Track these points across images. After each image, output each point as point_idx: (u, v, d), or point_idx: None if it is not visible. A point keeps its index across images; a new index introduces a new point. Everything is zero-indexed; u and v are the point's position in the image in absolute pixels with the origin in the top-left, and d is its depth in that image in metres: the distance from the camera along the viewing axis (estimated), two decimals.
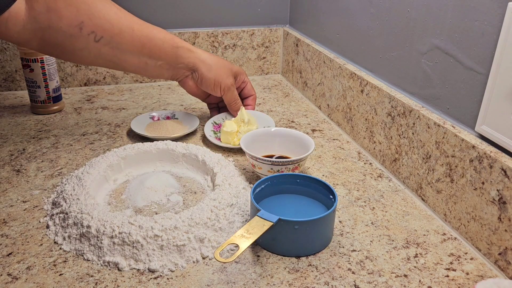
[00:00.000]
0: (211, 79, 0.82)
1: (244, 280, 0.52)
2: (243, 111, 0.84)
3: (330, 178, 0.74)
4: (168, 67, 0.80)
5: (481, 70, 0.57)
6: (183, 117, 0.92)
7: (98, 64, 0.77)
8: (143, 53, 0.76)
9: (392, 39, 0.76)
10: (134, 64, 0.77)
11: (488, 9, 0.55)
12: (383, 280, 0.53)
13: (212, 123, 0.88)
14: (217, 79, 0.83)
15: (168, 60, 0.79)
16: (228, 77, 0.84)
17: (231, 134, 0.80)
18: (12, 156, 0.79)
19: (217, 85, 0.83)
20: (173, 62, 0.80)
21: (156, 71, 0.80)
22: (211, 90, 0.84)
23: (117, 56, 0.74)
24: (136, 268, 0.53)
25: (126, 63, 0.76)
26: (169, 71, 0.81)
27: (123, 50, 0.74)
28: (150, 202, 0.66)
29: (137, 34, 0.74)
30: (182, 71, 0.82)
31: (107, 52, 0.73)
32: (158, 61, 0.78)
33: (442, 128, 0.62)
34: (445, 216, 0.63)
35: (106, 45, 0.72)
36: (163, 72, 0.81)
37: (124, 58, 0.75)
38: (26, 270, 0.53)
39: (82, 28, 0.69)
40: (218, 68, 0.82)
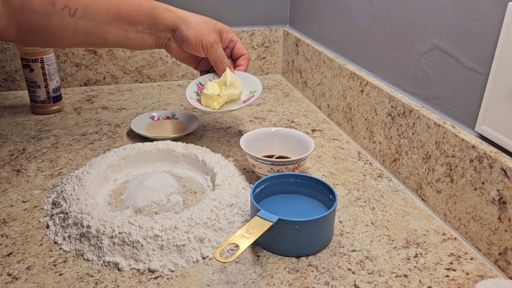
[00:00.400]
0: (191, 36, 0.75)
1: (244, 280, 0.52)
2: (227, 72, 0.77)
3: (330, 178, 0.74)
4: (149, 32, 0.75)
5: (481, 70, 0.57)
6: (183, 117, 0.92)
7: (78, 41, 0.73)
8: (121, 19, 0.72)
9: (392, 39, 0.76)
10: (114, 34, 0.73)
11: (488, 9, 0.55)
12: (383, 280, 0.53)
13: (197, 83, 0.82)
14: (198, 35, 0.76)
15: (147, 23, 0.74)
16: (210, 34, 0.77)
17: (211, 97, 0.75)
18: (12, 156, 0.79)
19: (198, 42, 0.76)
20: (153, 24, 0.75)
21: (138, 38, 0.75)
22: (193, 50, 0.77)
23: (95, 28, 0.71)
24: (136, 268, 0.53)
25: (106, 33, 0.72)
26: (151, 36, 0.76)
27: (100, 20, 0.71)
28: (150, 202, 0.66)
29: (112, 1, 0.71)
30: (163, 33, 0.76)
31: (84, 25, 0.70)
32: (138, 27, 0.74)
33: (442, 128, 0.62)
34: (445, 216, 0.63)
35: (82, 17, 0.69)
36: (145, 38, 0.76)
37: (103, 29, 0.72)
38: (26, 270, 0.53)
39: (55, 4, 0.66)
40: (198, 25, 0.76)
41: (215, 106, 0.76)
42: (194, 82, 0.82)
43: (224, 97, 0.76)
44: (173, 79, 1.19)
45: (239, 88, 0.78)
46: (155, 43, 0.77)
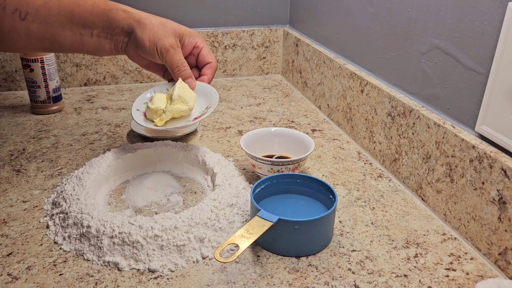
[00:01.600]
0: (145, 40, 0.67)
1: (244, 280, 0.52)
2: (178, 84, 0.68)
3: (330, 178, 0.74)
4: (105, 36, 0.68)
5: (481, 70, 0.57)
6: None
7: (32, 46, 0.68)
8: (74, 22, 0.66)
9: (392, 39, 0.76)
10: (69, 38, 0.68)
11: (488, 9, 0.55)
12: (383, 280, 0.53)
13: (151, 93, 0.73)
14: (152, 39, 0.68)
15: (102, 26, 0.68)
16: (167, 37, 0.69)
17: (156, 111, 0.67)
18: (12, 156, 0.79)
19: (152, 46, 0.68)
20: (108, 27, 0.68)
21: (94, 43, 0.69)
22: (148, 55, 0.69)
23: (48, 32, 0.66)
24: (136, 268, 0.53)
25: (61, 38, 0.67)
26: (107, 40, 0.69)
27: (53, 24, 0.66)
28: (150, 202, 0.66)
29: (64, 2, 0.66)
30: (120, 37, 0.69)
31: (36, 29, 0.65)
32: (93, 30, 0.67)
33: (442, 128, 0.62)
34: (445, 216, 0.63)
35: (33, 21, 0.65)
36: (102, 43, 0.69)
37: (57, 33, 0.67)
38: (26, 270, 0.53)
39: (5, 7, 0.63)
40: (154, 27, 0.68)
41: (157, 123, 0.67)
42: (148, 92, 0.73)
43: (168, 113, 0.67)
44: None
45: (189, 103, 0.68)
46: (114, 48, 0.70)
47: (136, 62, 0.73)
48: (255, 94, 1.12)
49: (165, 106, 0.67)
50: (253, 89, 1.15)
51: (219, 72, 1.22)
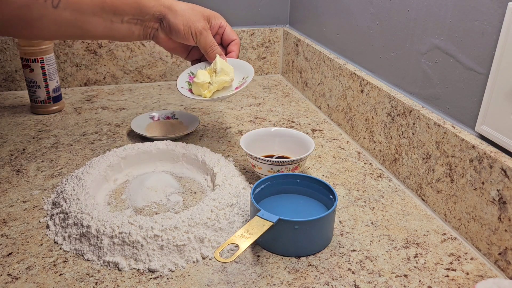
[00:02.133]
0: (179, 25, 0.73)
1: (244, 280, 0.52)
2: (217, 59, 0.75)
3: (330, 178, 0.74)
4: (135, 22, 0.72)
5: (481, 70, 0.57)
6: (183, 117, 0.92)
7: (62, 34, 0.70)
8: (106, 10, 0.69)
9: (392, 39, 0.76)
10: (100, 26, 0.70)
11: (488, 9, 0.55)
12: (383, 280, 0.53)
13: (188, 73, 0.80)
14: (186, 23, 0.73)
15: (133, 13, 0.71)
16: (199, 21, 0.75)
17: (202, 85, 0.73)
18: (12, 156, 0.79)
19: (187, 30, 0.74)
20: (139, 13, 0.72)
21: (124, 29, 0.73)
22: (182, 38, 0.75)
23: (80, 20, 0.68)
24: (136, 268, 0.53)
25: (91, 25, 0.70)
26: (137, 27, 0.73)
27: (85, 11, 0.68)
28: (150, 202, 0.66)
29: None
30: (150, 23, 0.73)
31: (68, 17, 0.67)
32: (123, 17, 0.71)
33: (442, 128, 0.62)
34: (445, 216, 0.63)
35: (66, 9, 0.66)
36: (132, 29, 0.73)
37: (88, 20, 0.69)
38: (26, 270, 0.53)
39: None
40: (186, 12, 0.74)
41: (206, 94, 0.74)
42: (185, 72, 0.80)
43: (215, 85, 0.74)
44: (173, 79, 1.19)
45: (230, 75, 0.75)
46: (142, 34, 0.75)
47: (163, 45, 0.77)
48: (255, 94, 1.12)
49: (209, 79, 0.73)
50: (253, 89, 1.15)
51: None
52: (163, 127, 0.87)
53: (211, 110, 1.01)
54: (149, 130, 0.86)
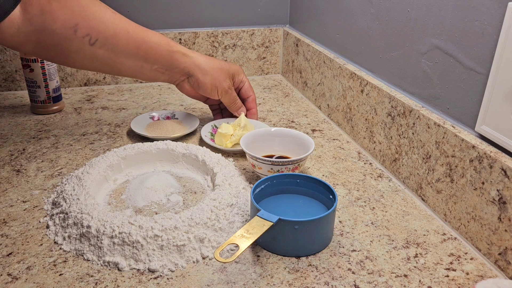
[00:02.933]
0: (208, 84, 0.81)
1: (244, 280, 0.52)
2: (242, 116, 0.83)
3: (330, 178, 0.74)
4: (163, 71, 0.79)
5: (481, 70, 0.57)
6: (183, 117, 0.92)
7: (93, 67, 0.76)
8: (139, 55, 0.75)
9: (392, 39, 0.76)
10: (129, 67, 0.76)
11: (488, 9, 0.55)
12: (383, 280, 0.53)
13: (212, 125, 0.88)
14: (214, 83, 0.82)
15: (163, 64, 0.78)
16: (225, 80, 0.83)
17: (225, 136, 0.80)
18: (12, 156, 0.79)
19: (214, 89, 0.82)
20: (169, 66, 0.79)
21: (151, 74, 0.79)
22: (208, 95, 0.84)
23: (112, 59, 0.74)
24: (136, 268, 0.53)
25: (122, 66, 0.75)
26: (164, 75, 0.80)
27: (119, 53, 0.73)
28: (150, 202, 0.66)
29: (132, 36, 0.74)
30: (177, 75, 0.81)
31: (102, 55, 0.72)
32: (153, 65, 0.77)
33: (442, 128, 0.62)
34: (445, 216, 0.63)
35: (101, 47, 0.71)
36: (158, 76, 0.80)
37: (120, 61, 0.75)
38: (26, 270, 0.53)
39: (76, 31, 0.68)
40: (214, 72, 0.81)
41: (228, 144, 0.80)
42: (209, 124, 0.88)
43: (237, 137, 0.80)
44: None
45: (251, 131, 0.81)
46: (168, 81, 0.82)
47: (186, 93, 0.86)
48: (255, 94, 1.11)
49: (233, 132, 0.81)
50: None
51: None
52: (163, 127, 0.87)
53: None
54: (149, 130, 0.86)
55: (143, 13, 1.12)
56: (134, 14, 1.11)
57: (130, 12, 1.11)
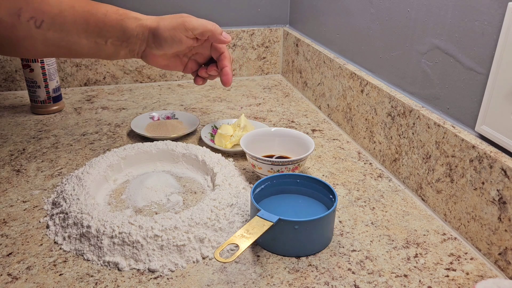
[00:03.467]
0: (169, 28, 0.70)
1: (244, 280, 0.52)
2: (242, 117, 0.83)
3: (330, 178, 0.74)
4: (120, 43, 0.71)
5: (481, 70, 0.57)
6: (183, 117, 0.92)
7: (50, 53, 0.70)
8: (89, 31, 0.68)
9: (392, 39, 0.76)
10: (85, 46, 0.69)
11: (488, 9, 0.55)
12: (383, 280, 0.53)
13: (212, 126, 0.88)
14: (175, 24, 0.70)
15: (117, 35, 0.70)
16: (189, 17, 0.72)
17: (225, 137, 0.80)
18: (12, 156, 0.79)
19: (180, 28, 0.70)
20: (123, 36, 0.70)
21: (110, 50, 0.71)
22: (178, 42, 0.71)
23: (65, 40, 0.68)
24: (136, 268, 0.53)
25: (77, 45, 0.69)
26: (123, 48, 0.71)
27: (69, 32, 0.67)
28: (150, 202, 0.66)
29: (78, 11, 0.67)
30: (136, 45, 0.72)
31: (52, 37, 0.66)
32: (107, 38, 0.70)
33: (442, 128, 0.62)
34: (445, 216, 0.63)
35: (49, 29, 0.66)
36: (118, 50, 0.72)
37: (73, 41, 0.68)
38: (26, 270, 0.53)
39: (20, 15, 0.64)
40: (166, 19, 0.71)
41: (227, 145, 0.80)
42: (209, 125, 0.88)
43: (237, 138, 0.80)
44: (173, 79, 1.19)
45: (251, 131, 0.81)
46: (129, 54, 0.73)
47: (156, 63, 0.75)
48: (255, 94, 1.12)
49: (232, 132, 0.80)
50: (253, 89, 1.15)
51: None
52: (163, 127, 0.87)
53: (211, 110, 1.01)
54: (149, 130, 0.86)
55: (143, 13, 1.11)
56: None
57: None
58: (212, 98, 1.08)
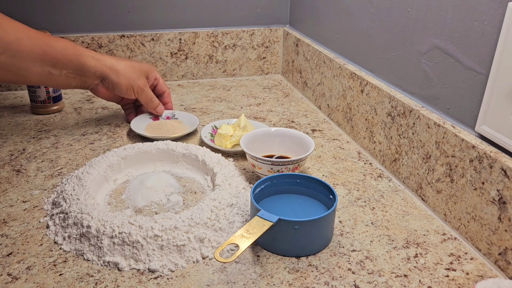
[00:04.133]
0: (122, 84, 0.81)
1: (244, 280, 0.52)
2: (242, 117, 0.83)
3: (330, 178, 0.74)
4: (74, 76, 0.77)
5: (481, 70, 0.57)
6: (183, 117, 0.92)
7: None
8: (45, 61, 0.72)
9: (392, 39, 0.76)
10: (36, 73, 0.73)
11: (488, 9, 0.55)
12: (383, 280, 0.53)
13: (212, 126, 0.88)
14: (129, 82, 0.82)
15: (73, 68, 0.76)
16: (139, 78, 0.83)
17: (224, 137, 0.80)
18: (12, 156, 0.79)
19: (130, 88, 0.83)
20: (79, 70, 0.77)
21: (62, 80, 0.77)
22: (124, 94, 0.84)
23: (16, 66, 0.70)
24: (136, 268, 0.53)
25: (28, 72, 0.72)
26: (76, 80, 0.78)
27: (23, 58, 0.70)
28: (150, 202, 0.66)
29: (36, 42, 0.71)
30: (90, 80, 0.80)
31: (3, 61, 0.69)
32: (62, 70, 0.75)
33: (442, 128, 0.62)
34: (445, 216, 0.63)
35: (2, 54, 0.68)
36: (70, 81, 0.78)
37: (25, 67, 0.71)
38: (26, 270, 0.53)
39: None
40: (127, 71, 0.82)
41: (227, 145, 0.80)
42: (209, 125, 0.89)
43: (237, 138, 0.80)
44: (173, 79, 1.19)
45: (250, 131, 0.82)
46: (80, 86, 0.80)
47: (101, 96, 0.85)
48: (255, 94, 1.12)
49: (232, 132, 0.81)
50: (253, 89, 1.15)
51: (219, 72, 1.22)
52: (163, 127, 0.87)
53: (211, 110, 1.01)
54: (149, 130, 0.86)
55: (143, 13, 1.12)
56: (134, 14, 1.11)
57: (130, 12, 1.11)
58: (212, 98, 1.08)
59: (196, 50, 1.17)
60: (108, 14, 1.09)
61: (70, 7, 1.07)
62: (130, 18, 1.11)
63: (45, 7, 1.05)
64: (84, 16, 1.09)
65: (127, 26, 1.12)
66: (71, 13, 1.07)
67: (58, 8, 1.06)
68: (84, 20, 1.09)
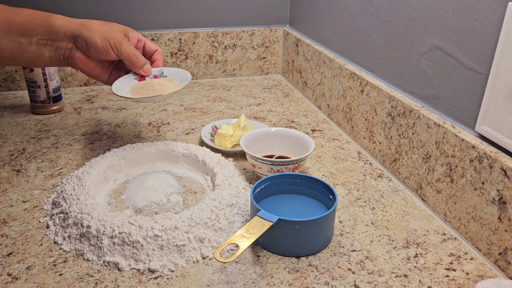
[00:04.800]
0: (97, 38, 0.69)
1: (244, 280, 0.52)
2: (242, 117, 0.82)
3: (330, 178, 0.74)
4: (45, 42, 0.68)
5: (481, 70, 0.57)
6: (172, 74, 0.78)
7: None
8: (13, 31, 0.66)
9: (392, 39, 0.76)
10: (6, 47, 0.67)
11: (488, 9, 0.55)
12: (383, 280, 0.53)
13: (212, 126, 0.88)
14: (103, 35, 0.69)
15: (42, 33, 0.68)
16: (116, 32, 0.71)
17: (224, 137, 0.80)
18: (12, 156, 0.79)
19: (105, 42, 0.69)
20: (49, 33, 0.68)
21: (33, 51, 0.69)
22: (101, 52, 0.70)
23: None
24: (136, 268, 0.53)
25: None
26: (47, 48, 0.69)
27: None
28: (150, 202, 0.66)
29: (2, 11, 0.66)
30: (62, 43, 0.69)
31: None
32: (32, 37, 0.67)
33: (442, 128, 0.62)
34: (445, 216, 0.63)
35: None
36: (42, 50, 0.69)
37: None
38: (26, 270, 0.53)
39: None
40: (101, 27, 0.70)
41: (227, 145, 0.80)
42: (209, 125, 0.88)
43: (237, 138, 0.80)
44: None
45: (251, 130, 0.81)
46: (54, 56, 0.70)
47: (81, 67, 0.72)
48: (255, 94, 1.12)
49: (232, 132, 0.81)
50: (253, 89, 1.15)
51: (219, 72, 1.22)
52: (150, 87, 0.74)
53: (211, 110, 1.01)
54: (134, 92, 0.73)
55: (143, 13, 1.12)
56: (134, 14, 1.11)
57: (130, 12, 1.11)
58: (212, 98, 1.08)
59: (196, 50, 1.17)
60: (108, 14, 1.09)
61: (70, 7, 1.07)
62: (130, 18, 1.11)
63: (45, 7, 1.05)
64: (84, 16, 1.08)
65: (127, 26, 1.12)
66: (71, 13, 1.07)
67: (58, 8, 1.06)
68: None
